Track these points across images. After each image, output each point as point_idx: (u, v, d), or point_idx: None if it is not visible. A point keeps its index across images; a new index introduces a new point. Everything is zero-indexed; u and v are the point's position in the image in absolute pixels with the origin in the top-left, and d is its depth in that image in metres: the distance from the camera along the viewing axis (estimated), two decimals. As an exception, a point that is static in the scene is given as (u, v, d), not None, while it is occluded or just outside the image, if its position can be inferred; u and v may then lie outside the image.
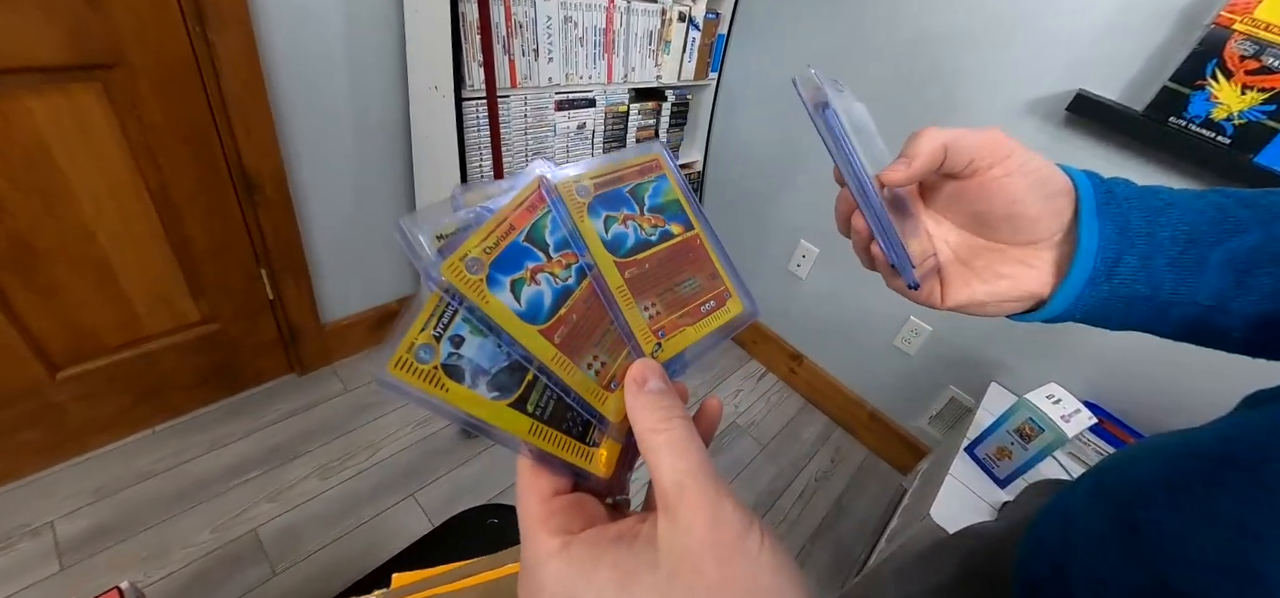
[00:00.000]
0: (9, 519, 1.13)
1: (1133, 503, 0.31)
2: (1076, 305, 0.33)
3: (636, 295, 0.27)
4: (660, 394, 0.22)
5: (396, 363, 0.20)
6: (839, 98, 0.34)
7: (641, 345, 0.26)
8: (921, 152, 0.32)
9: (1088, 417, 1.02)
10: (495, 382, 0.22)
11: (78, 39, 0.86)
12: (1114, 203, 0.32)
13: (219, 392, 1.41)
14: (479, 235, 0.23)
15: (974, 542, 0.53)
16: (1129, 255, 0.31)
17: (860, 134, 0.34)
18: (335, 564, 1.20)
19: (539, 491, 0.22)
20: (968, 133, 0.32)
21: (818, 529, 1.50)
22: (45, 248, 0.99)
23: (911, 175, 0.32)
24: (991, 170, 0.32)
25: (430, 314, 0.21)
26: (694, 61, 1.55)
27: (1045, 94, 1.16)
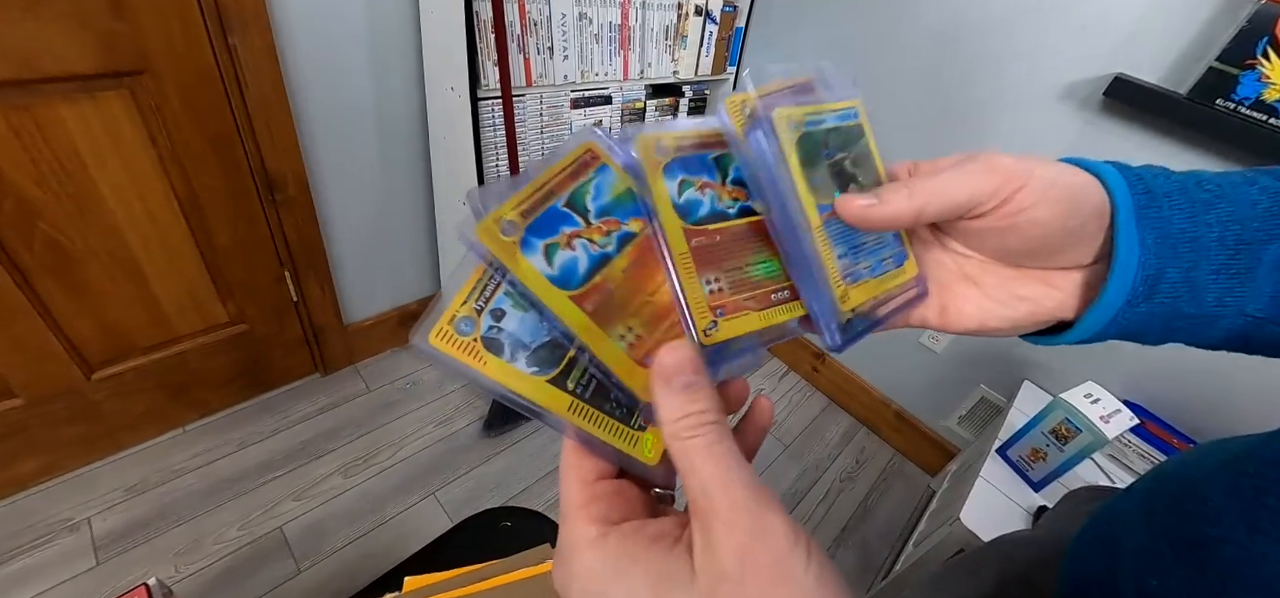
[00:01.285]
0: (49, 514, 1.17)
1: (1194, 519, 0.28)
2: (1109, 329, 0.27)
3: (700, 267, 0.24)
4: (690, 391, 0.20)
5: (437, 333, 0.20)
6: (792, 102, 0.27)
7: (695, 320, 0.24)
8: (889, 207, 0.25)
9: (1129, 417, 0.97)
10: (535, 357, 0.22)
11: (107, 48, 0.88)
12: (1154, 204, 0.26)
13: (247, 391, 1.45)
14: (516, 198, 0.22)
15: (1013, 551, 0.50)
16: (1171, 268, 0.25)
17: (827, 139, 0.27)
18: (358, 561, 1.22)
19: (581, 473, 0.22)
20: (956, 181, 0.25)
21: (842, 532, 1.47)
22: (78, 252, 1.02)
23: (867, 222, 0.26)
24: (1001, 209, 0.25)
25: (473, 287, 0.21)
26: (711, 56, 1.53)
27: (1081, 78, 1.11)
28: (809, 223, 0.25)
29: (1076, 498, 0.54)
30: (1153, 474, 0.36)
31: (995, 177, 0.25)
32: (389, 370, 1.63)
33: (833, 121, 0.28)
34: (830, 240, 0.26)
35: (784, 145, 0.25)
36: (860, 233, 0.27)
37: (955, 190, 0.25)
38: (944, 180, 0.25)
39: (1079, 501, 0.52)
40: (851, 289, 0.26)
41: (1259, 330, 0.26)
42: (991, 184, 0.25)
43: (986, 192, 0.25)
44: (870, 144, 0.29)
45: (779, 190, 0.25)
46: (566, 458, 0.22)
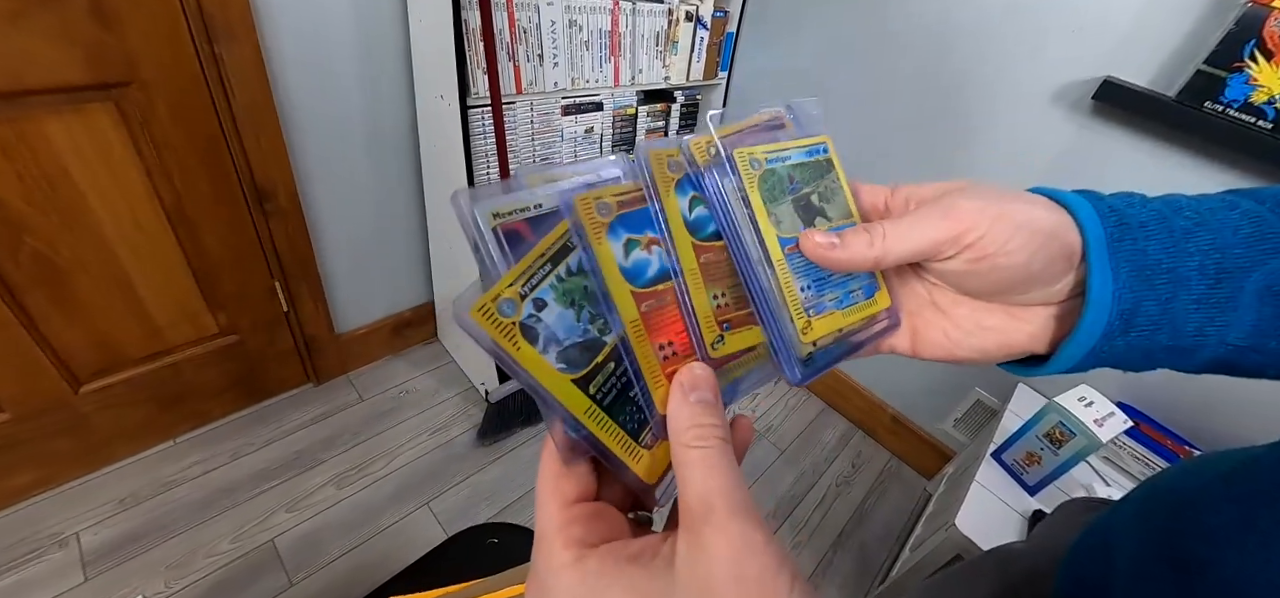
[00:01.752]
0: (37, 529, 1.16)
1: (1188, 536, 0.28)
2: (1085, 362, 0.27)
3: (707, 281, 0.25)
4: (705, 406, 0.21)
5: (479, 309, 0.21)
6: (753, 141, 0.27)
7: (703, 333, 0.25)
8: (849, 251, 0.25)
9: (1122, 420, 0.96)
10: (565, 355, 0.22)
11: (92, 60, 0.88)
12: (1128, 236, 0.25)
13: (239, 402, 1.44)
14: (617, 189, 0.24)
15: (1006, 563, 0.50)
16: (1148, 302, 0.25)
17: (793, 175, 0.28)
18: (351, 573, 1.21)
19: (560, 495, 0.21)
20: (918, 229, 0.25)
21: (840, 536, 1.46)
22: (66, 265, 1.01)
23: (827, 263, 0.26)
24: (962, 256, 0.25)
25: (522, 271, 0.22)
26: (702, 61, 1.53)
27: (1071, 81, 1.11)
28: (770, 256, 0.26)
29: (1070, 508, 0.53)
30: (1146, 488, 0.35)
31: (956, 223, 0.25)
32: (382, 380, 1.62)
33: (798, 158, 0.28)
34: (794, 273, 0.26)
35: (745, 182, 0.26)
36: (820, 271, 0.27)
37: (915, 239, 0.25)
38: (905, 228, 0.25)
39: (1073, 511, 0.52)
40: (815, 321, 0.27)
41: (1242, 358, 0.26)
42: (951, 231, 0.25)
43: (946, 239, 0.25)
44: (840, 177, 0.30)
45: (735, 225, 0.26)
46: (545, 479, 0.22)
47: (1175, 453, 1.07)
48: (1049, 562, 0.42)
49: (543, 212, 0.23)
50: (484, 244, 0.22)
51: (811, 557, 1.40)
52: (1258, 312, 0.24)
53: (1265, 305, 0.24)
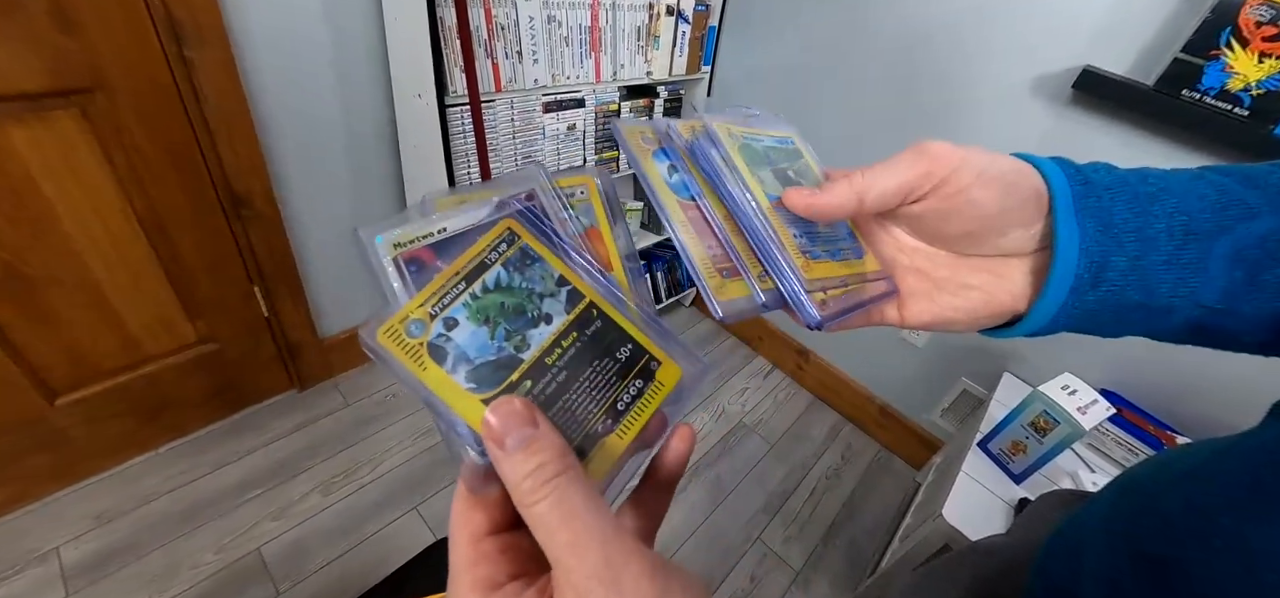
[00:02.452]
0: (16, 546, 1.13)
1: (1154, 538, 0.27)
2: (1059, 318, 0.28)
3: (701, 233, 0.27)
4: (528, 447, 0.18)
5: (387, 331, 0.20)
6: (731, 120, 0.30)
7: (706, 280, 0.26)
8: (830, 198, 0.27)
9: (1105, 408, 0.97)
10: (476, 374, 0.21)
11: (54, 65, 0.86)
12: (1092, 194, 0.26)
13: (221, 410, 1.41)
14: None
15: (983, 559, 0.49)
16: (1116, 256, 0.26)
17: (767, 155, 0.30)
18: (339, 582, 1.19)
19: (470, 528, 0.20)
20: (890, 169, 0.27)
21: (829, 529, 1.47)
22: (36, 276, 0.99)
23: (808, 211, 0.27)
24: (938, 191, 0.26)
25: (433, 292, 0.21)
26: (685, 56, 1.52)
27: (1050, 71, 1.11)
28: (762, 206, 0.27)
29: (1049, 502, 0.53)
30: (1118, 484, 0.35)
31: (929, 161, 0.26)
32: (368, 384, 1.60)
33: (771, 142, 0.31)
34: (784, 223, 0.28)
35: (729, 147, 0.28)
36: (813, 223, 0.29)
37: (892, 176, 0.27)
38: (882, 169, 0.27)
39: (1051, 505, 0.52)
40: (813, 264, 0.27)
41: (1214, 321, 0.26)
42: (925, 167, 0.26)
43: (920, 174, 0.26)
44: (810, 162, 0.32)
45: (727, 184, 0.27)
46: (457, 512, 0.20)
47: (1158, 439, 1.08)
48: (1023, 558, 0.42)
49: (447, 235, 0.23)
50: (382, 276, 0.21)
51: (802, 550, 1.41)
52: (1228, 276, 0.25)
53: (1236, 270, 0.25)
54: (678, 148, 0.28)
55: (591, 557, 0.16)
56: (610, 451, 0.22)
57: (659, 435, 0.24)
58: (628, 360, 0.24)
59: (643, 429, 0.23)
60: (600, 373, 0.23)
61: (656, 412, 0.24)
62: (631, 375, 0.24)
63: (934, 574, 0.55)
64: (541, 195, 0.26)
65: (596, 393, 0.23)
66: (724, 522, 1.44)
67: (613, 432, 0.22)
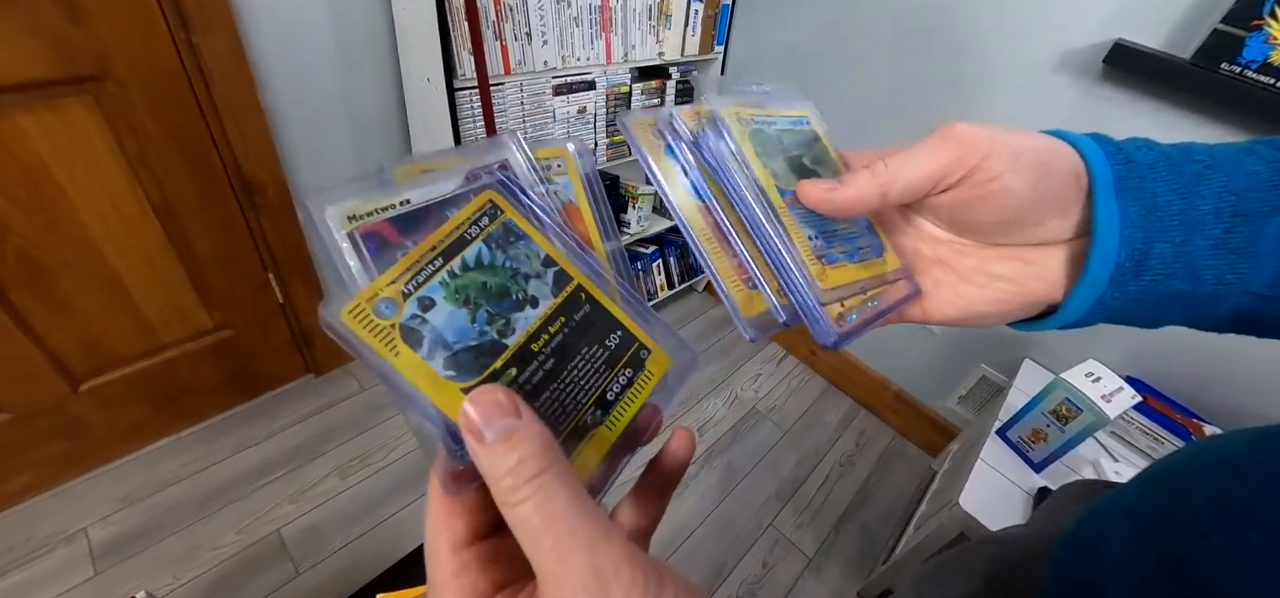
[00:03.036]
0: (44, 527, 1.17)
1: (1182, 531, 0.26)
2: (1097, 310, 0.25)
3: (722, 241, 0.26)
4: (510, 441, 0.16)
5: (352, 311, 0.18)
6: (739, 103, 0.27)
7: (733, 294, 0.24)
8: (851, 190, 0.24)
9: (1130, 395, 0.94)
10: (455, 360, 0.19)
11: (62, 53, 0.86)
12: (1135, 175, 0.24)
13: (238, 396, 1.44)
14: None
15: (1000, 549, 0.48)
16: (1161, 242, 0.24)
17: (781, 139, 0.27)
18: (356, 562, 1.22)
19: (450, 535, 0.19)
20: (919, 157, 0.24)
21: (843, 516, 1.46)
22: (53, 265, 1.00)
23: (828, 207, 0.25)
24: (969, 178, 0.24)
25: (406, 267, 0.19)
26: (698, 35, 1.49)
27: (1078, 46, 1.06)
28: (772, 204, 0.25)
29: (1070, 493, 0.52)
30: (1144, 477, 0.33)
31: (958, 146, 0.24)
32: (382, 369, 1.61)
33: (784, 125, 0.28)
34: (798, 222, 0.25)
35: (738, 136, 0.25)
36: (830, 219, 0.26)
37: (919, 166, 0.24)
38: (906, 157, 0.24)
39: (1072, 496, 0.50)
40: (829, 270, 0.25)
41: (1265, 309, 0.24)
42: (954, 154, 0.24)
43: (950, 162, 0.24)
44: (827, 147, 0.29)
45: (735, 180, 0.25)
46: (433, 519, 0.19)
47: (1185, 427, 1.05)
48: (1042, 549, 0.41)
49: (412, 208, 0.20)
50: (335, 253, 0.19)
51: (814, 537, 1.40)
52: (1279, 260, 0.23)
53: None
54: (682, 141, 0.25)
55: (577, 564, 0.15)
56: (600, 443, 0.21)
57: (649, 428, 0.23)
58: (617, 348, 0.22)
59: (633, 420, 0.22)
60: (589, 361, 0.21)
61: (646, 403, 0.22)
62: (621, 364, 0.22)
63: (947, 564, 0.54)
64: (516, 166, 0.24)
65: (585, 383, 0.21)
66: (736, 508, 1.43)
67: (602, 424, 0.21)
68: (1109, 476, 1.03)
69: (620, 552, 0.16)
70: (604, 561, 0.15)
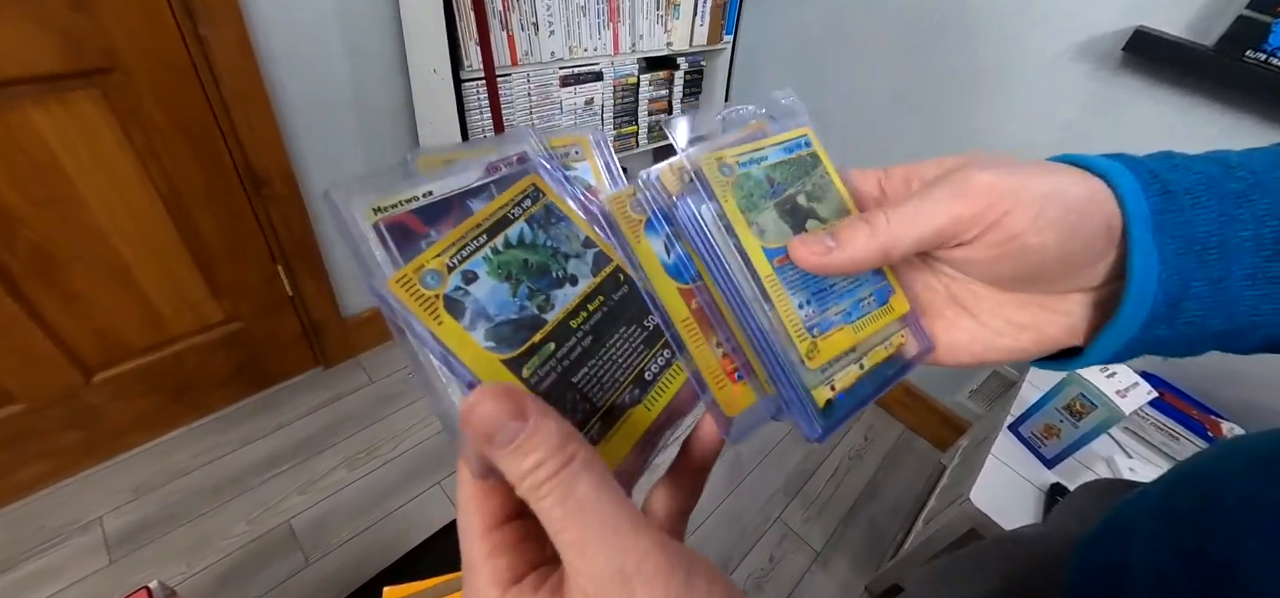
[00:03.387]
0: (60, 516, 1.18)
1: (1213, 533, 0.25)
2: (1123, 353, 0.23)
3: (705, 331, 0.23)
4: (521, 448, 0.16)
5: (399, 280, 0.19)
6: (720, 146, 0.24)
7: (716, 393, 0.22)
8: (848, 249, 0.22)
9: (1146, 391, 0.92)
10: (496, 332, 0.20)
11: (70, 46, 0.86)
12: (1173, 207, 0.21)
13: (248, 388, 1.45)
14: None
15: (1017, 549, 0.47)
16: (1197, 281, 0.21)
17: (774, 175, 0.25)
18: (365, 553, 1.22)
19: (483, 515, 0.18)
20: (929, 210, 0.21)
21: (851, 510, 1.45)
22: (65, 257, 1.01)
23: (824, 269, 0.22)
24: (986, 236, 0.21)
25: (451, 242, 0.20)
26: (706, 25, 1.47)
27: (1097, 34, 1.04)
28: (758, 274, 0.22)
29: (1089, 492, 0.51)
30: (1169, 478, 0.32)
31: (974, 201, 0.21)
32: (390, 362, 1.62)
33: (777, 156, 0.25)
34: (788, 288, 0.23)
35: (719, 193, 0.23)
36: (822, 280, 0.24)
37: (927, 221, 0.21)
38: (912, 212, 0.21)
39: (1092, 496, 0.49)
40: (820, 342, 0.23)
41: None
42: (969, 210, 0.21)
43: (965, 219, 0.21)
44: (829, 171, 0.26)
45: (720, 257, 0.22)
46: (465, 501, 0.19)
47: (1202, 424, 1.03)
48: (1061, 550, 0.40)
49: (434, 200, 0.21)
50: (362, 243, 0.19)
51: (822, 531, 1.40)
52: None
53: None
54: (660, 212, 0.23)
55: (601, 558, 0.15)
56: (637, 423, 0.21)
57: (692, 406, 0.22)
58: (656, 329, 0.23)
59: (672, 400, 0.22)
60: (627, 340, 0.22)
61: (687, 382, 0.23)
62: (660, 344, 0.23)
63: (963, 562, 0.53)
64: (533, 157, 0.24)
65: (623, 361, 0.22)
66: (743, 502, 1.43)
67: (640, 403, 0.21)
68: (1124, 472, 1.01)
69: (646, 542, 0.16)
70: (628, 553, 0.15)
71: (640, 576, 0.15)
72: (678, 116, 0.25)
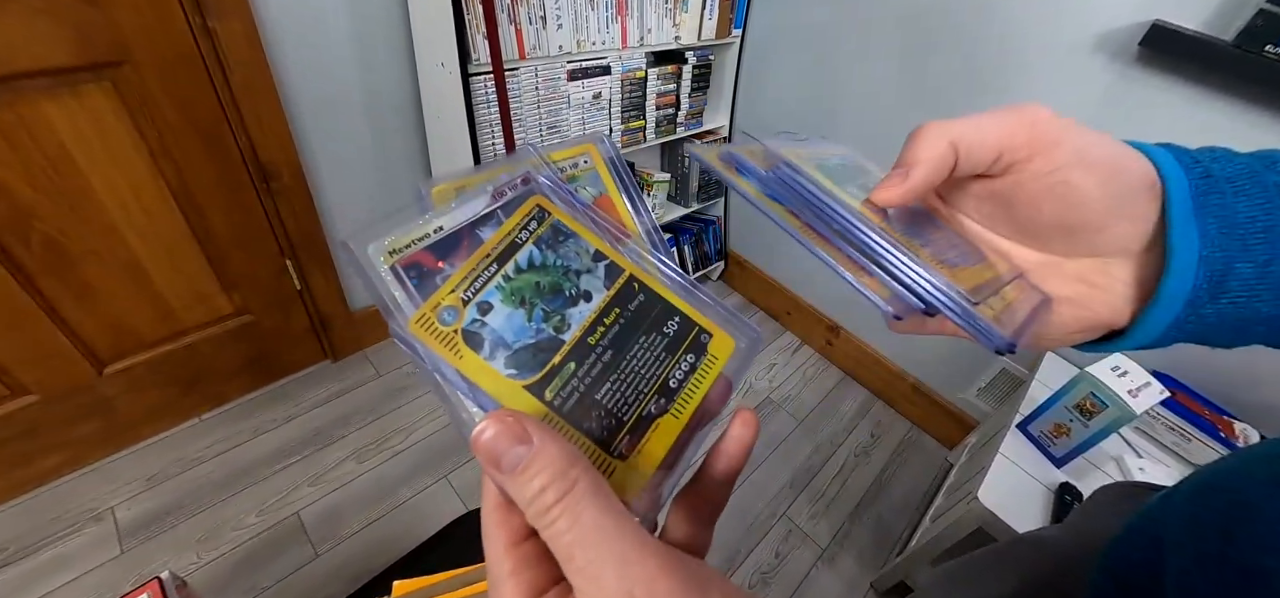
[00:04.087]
0: (73, 505, 1.20)
1: (1247, 542, 0.25)
2: (1169, 334, 0.24)
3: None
4: (523, 473, 0.16)
5: (418, 321, 0.20)
6: (793, 146, 0.26)
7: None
8: (921, 157, 0.23)
9: (1158, 390, 0.92)
10: (516, 359, 0.20)
11: (82, 39, 0.86)
12: (1215, 189, 0.22)
13: (258, 380, 1.46)
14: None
15: (1035, 552, 0.47)
16: (1241, 263, 0.22)
17: (840, 172, 0.26)
18: (374, 545, 1.23)
19: (509, 531, 0.18)
20: (987, 120, 0.23)
21: (857, 507, 1.45)
22: (77, 250, 1.02)
23: (908, 192, 0.23)
24: (1032, 164, 0.22)
25: (463, 276, 0.21)
26: (715, 19, 1.46)
27: (1114, 27, 1.02)
28: (874, 223, 0.23)
29: (1109, 495, 0.50)
30: (1195, 484, 0.32)
31: (1027, 124, 0.22)
32: (397, 356, 1.63)
33: (837, 161, 0.27)
34: (903, 234, 0.23)
35: (810, 171, 0.24)
36: (917, 232, 0.24)
37: (988, 128, 0.23)
38: (974, 121, 0.23)
39: (1111, 499, 0.48)
40: (960, 272, 0.23)
41: None
42: (1025, 132, 0.22)
43: (1017, 133, 0.22)
44: (878, 174, 0.27)
45: (830, 206, 0.23)
46: (489, 516, 0.19)
47: (1214, 425, 1.02)
48: (1081, 554, 0.39)
49: (444, 235, 0.21)
50: (382, 287, 0.20)
51: (829, 527, 1.39)
52: None
53: None
54: (754, 175, 0.25)
55: (608, 583, 0.15)
56: (667, 432, 0.21)
57: (723, 403, 0.22)
58: (676, 334, 0.22)
59: (700, 405, 0.22)
60: (648, 349, 0.22)
61: (719, 376, 0.22)
62: (682, 350, 0.22)
63: (977, 563, 0.53)
64: (536, 175, 0.24)
65: (646, 371, 0.21)
66: (750, 498, 1.43)
67: (667, 412, 0.21)
68: (1134, 472, 1.00)
69: (654, 565, 0.15)
70: (637, 578, 0.15)
71: (652, 596, 0.15)
72: (704, 146, 0.26)
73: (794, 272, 1.86)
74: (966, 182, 0.26)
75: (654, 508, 0.22)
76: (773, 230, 1.61)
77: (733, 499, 1.03)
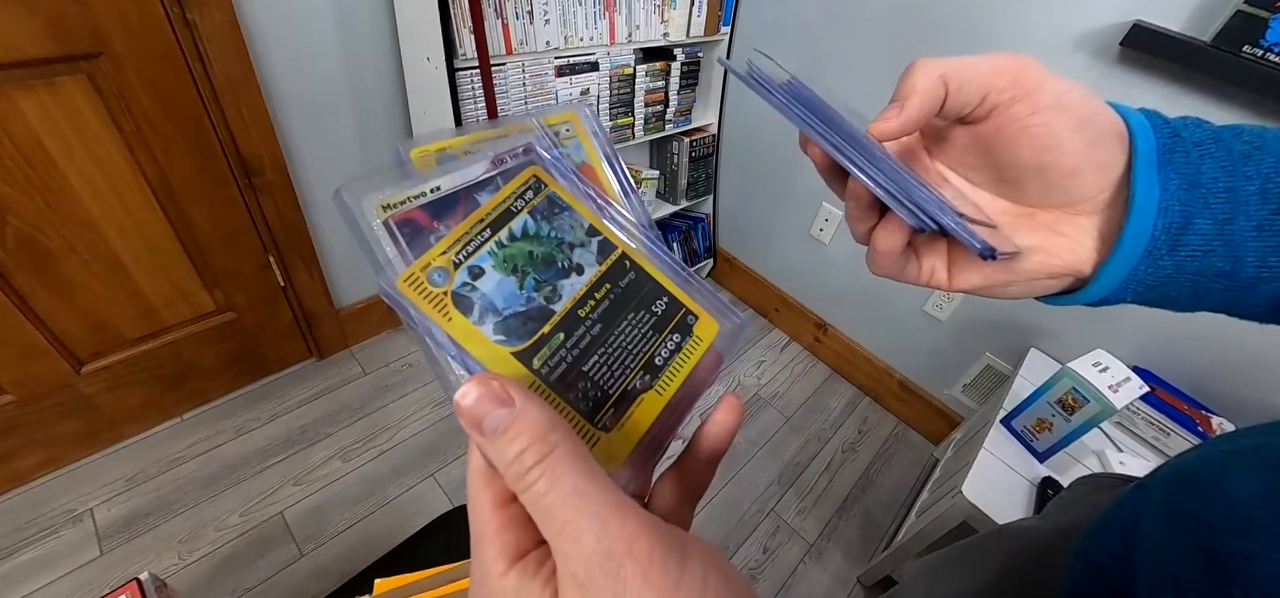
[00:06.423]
0: (51, 507, 1.18)
1: (1222, 527, 0.25)
2: (1128, 285, 0.25)
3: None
4: (506, 435, 0.16)
5: (407, 279, 0.19)
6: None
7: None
8: (916, 89, 0.24)
9: (1138, 385, 0.93)
10: (504, 326, 0.20)
11: (56, 29, 0.84)
12: (1180, 148, 0.24)
13: (242, 378, 1.44)
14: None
15: (1015, 542, 0.47)
16: (1201, 218, 0.23)
17: (843, 108, 0.28)
18: (359, 544, 1.22)
19: (493, 493, 0.18)
20: (977, 60, 0.24)
21: (844, 502, 1.46)
22: (53, 246, 1.00)
23: (907, 121, 0.24)
24: (1013, 107, 0.24)
25: (457, 239, 0.21)
26: (703, 15, 1.45)
27: (1095, 27, 1.03)
28: (884, 149, 0.25)
29: (1087, 485, 0.51)
30: (1172, 470, 0.32)
31: (1014, 66, 0.24)
32: (384, 354, 1.61)
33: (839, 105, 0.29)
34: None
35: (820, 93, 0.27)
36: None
37: (978, 65, 0.24)
38: (966, 57, 0.24)
39: (1089, 490, 0.49)
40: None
41: None
42: (1011, 74, 0.24)
43: (1006, 79, 0.24)
44: None
45: (836, 112, 0.26)
46: (476, 475, 0.19)
47: (1191, 418, 1.04)
48: (1060, 543, 0.40)
49: (442, 195, 0.21)
50: (374, 241, 0.20)
51: (816, 523, 1.40)
52: None
53: None
54: (772, 88, 0.27)
55: (588, 542, 0.15)
56: (650, 407, 0.21)
57: (710, 379, 0.23)
58: (664, 314, 0.23)
59: (683, 384, 0.22)
60: (636, 326, 0.22)
61: (710, 349, 0.23)
62: (669, 329, 0.23)
63: (960, 553, 0.54)
64: (535, 140, 0.24)
65: (632, 347, 0.22)
66: (738, 493, 1.44)
67: (651, 388, 0.22)
68: (1114, 466, 1.02)
69: (634, 525, 0.15)
70: (616, 536, 0.15)
71: (630, 557, 0.15)
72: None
73: (783, 269, 1.86)
74: (951, 130, 0.27)
75: (635, 481, 0.22)
76: (762, 227, 1.61)
77: (721, 494, 1.04)
